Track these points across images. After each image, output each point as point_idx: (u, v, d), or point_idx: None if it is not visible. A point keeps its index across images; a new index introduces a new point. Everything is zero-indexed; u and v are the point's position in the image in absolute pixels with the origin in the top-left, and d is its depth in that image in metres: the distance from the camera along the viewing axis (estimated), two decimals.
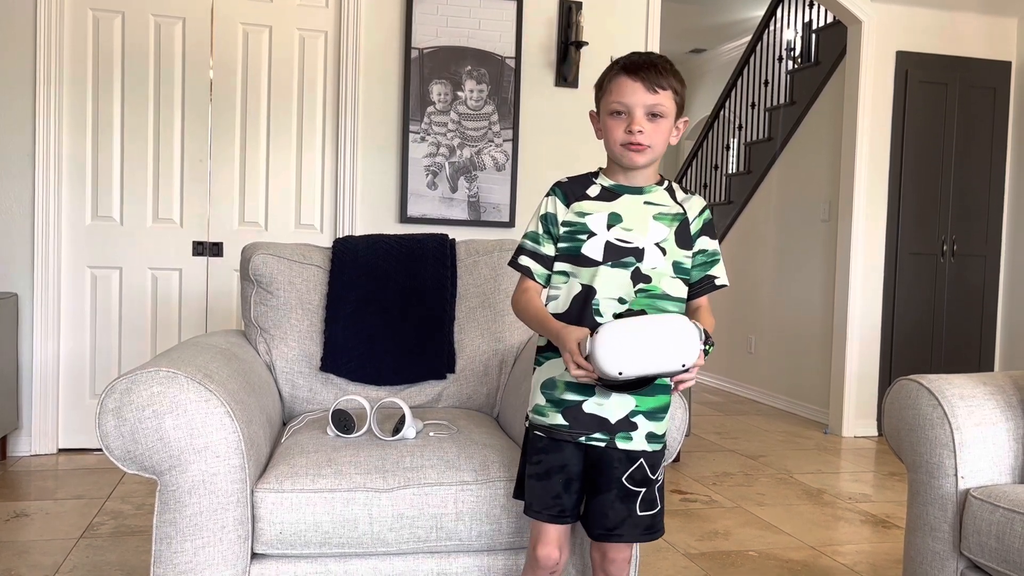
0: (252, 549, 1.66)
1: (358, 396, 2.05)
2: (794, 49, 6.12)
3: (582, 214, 1.58)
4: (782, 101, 5.93)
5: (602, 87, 1.58)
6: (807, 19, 5.84)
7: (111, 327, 3.88)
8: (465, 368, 2.37)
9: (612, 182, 1.61)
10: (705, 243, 1.60)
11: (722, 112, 7.04)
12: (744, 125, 6.65)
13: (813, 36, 5.64)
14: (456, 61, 4.04)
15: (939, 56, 4.87)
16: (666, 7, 4.52)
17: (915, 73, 4.83)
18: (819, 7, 5.64)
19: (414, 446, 1.84)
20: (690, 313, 1.60)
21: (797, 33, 6.07)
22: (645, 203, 1.58)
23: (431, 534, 1.71)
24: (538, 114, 4.15)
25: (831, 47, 5.28)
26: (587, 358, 1.41)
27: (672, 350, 1.39)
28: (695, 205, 1.61)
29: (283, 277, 2.33)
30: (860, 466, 4.14)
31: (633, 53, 1.57)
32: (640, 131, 1.52)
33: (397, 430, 1.90)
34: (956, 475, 1.84)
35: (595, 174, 1.64)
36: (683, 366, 1.41)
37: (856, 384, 4.85)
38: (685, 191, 1.64)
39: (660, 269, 1.55)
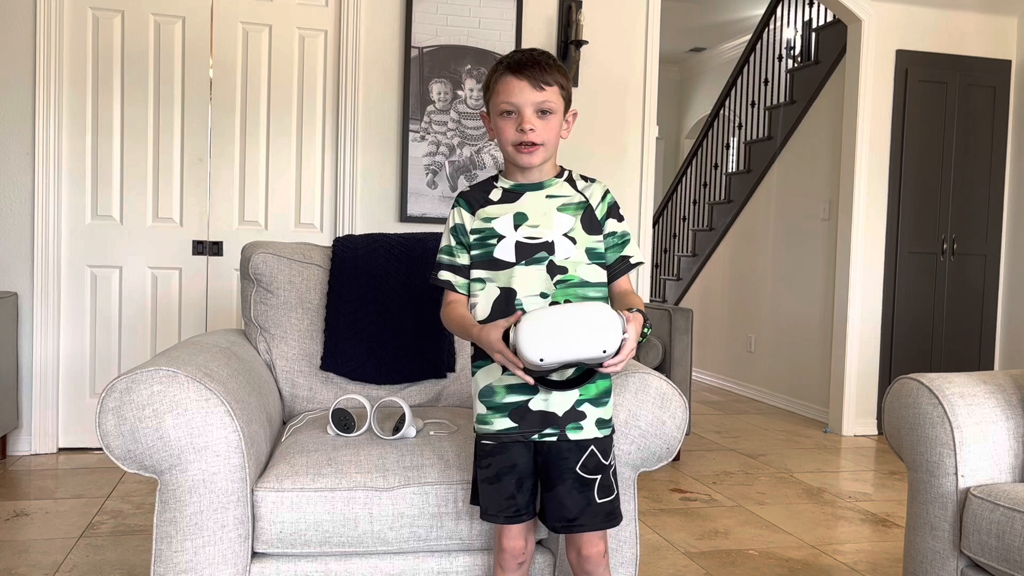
0: (252, 548, 1.66)
1: (358, 395, 2.05)
2: (794, 48, 6.12)
3: (488, 219, 1.60)
4: (782, 100, 5.93)
5: (489, 88, 1.59)
6: (807, 18, 5.84)
7: (111, 326, 3.88)
8: (465, 367, 2.37)
9: (512, 182, 1.63)
10: (613, 225, 1.62)
11: (722, 111, 7.04)
12: (744, 124, 6.64)
13: (813, 35, 5.64)
14: (456, 60, 4.03)
15: (939, 55, 4.87)
16: (666, 6, 4.51)
17: (915, 72, 4.83)
18: (819, 6, 5.64)
19: (414, 445, 1.84)
20: (615, 297, 1.62)
21: (797, 32, 6.07)
22: (547, 197, 1.61)
23: (431, 533, 1.71)
24: None
25: (831, 46, 5.28)
26: (514, 351, 1.43)
27: (590, 335, 1.39)
28: (597, 191, 1.63)
29: (283, 276, 2.33)
30: (860, 465, 4.14)
31: (517, 51, 1.59)
32: (532, 129, 1.54)
33: (397, 429, 1.90)
34: (956, 474, 1.84)
35: (495, 178, 1.66)
36: (603, 351, 1.41)
37: (856, 383, 4.85)
38: (585, 179, 1.66)
39: (574, 258, 1.57)
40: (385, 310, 2.32)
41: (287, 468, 1.71)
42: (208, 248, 3.93)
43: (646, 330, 1.49)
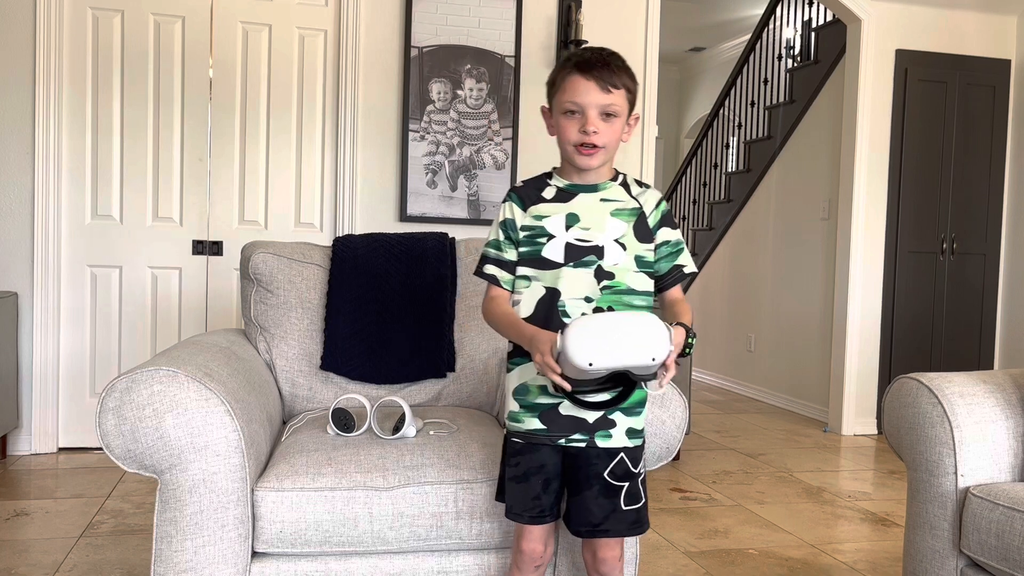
0: (252, 548, 1.67)
1: (358, 395, 2.05)
2: (794, 47, 6.12)
3: (539, 217, 1.58)
4: (782, 99, 5.93)
5: (555, 84, 1.56)
6: (807, 17, 5.84)
7: (111, 326, 3.88)
8: (465, 367, 2.37)
9: (567, 182, 1.60)
10: (667, 234, 1.60)
11: (722, 110, 7.04)
12: (744, 123, 6.64)
13: (813, 34, 5.64)
14: (456, 60, 4.03)
15: (938, 54, 4.87)
16: (666, 5, 4.52)
17: (915, 71, 4.83)
18: (819, 5, 5.64)
19: (414, 445, 1.84)
20: (665, 306, 1.60)
21: (797, 31, 6.07)
22: (601, 200, 1.58)
23: (431, 532, 1.71)
24: (538, 113, 4.12)
25: (831, 45, 5.28)
26: (558, 358, 1.40)
27: (641, 342, 1.38)
28: (651, 198, 1.61)
29: (283, 276, 2.33)
30: (860, 464, 4.15)
31: (585, 50, 1.56)
32: (595, 131, 1.51)
33: (397, 429, 1.90)
34: (956, 473, 1.84)
35: (549, 175, 1.63)
36: (652, 360, 1.39)
37: (856, 382, 4.85)
38: (640, 184, 1.63)
39: (622, 265, 1.55)
40: (385, 310, 2.33)
41: (287, 468, 1.71)
42: (208, 248, 3.93)
43: (691, 340, 1.46)
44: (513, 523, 1.64)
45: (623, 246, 1.56)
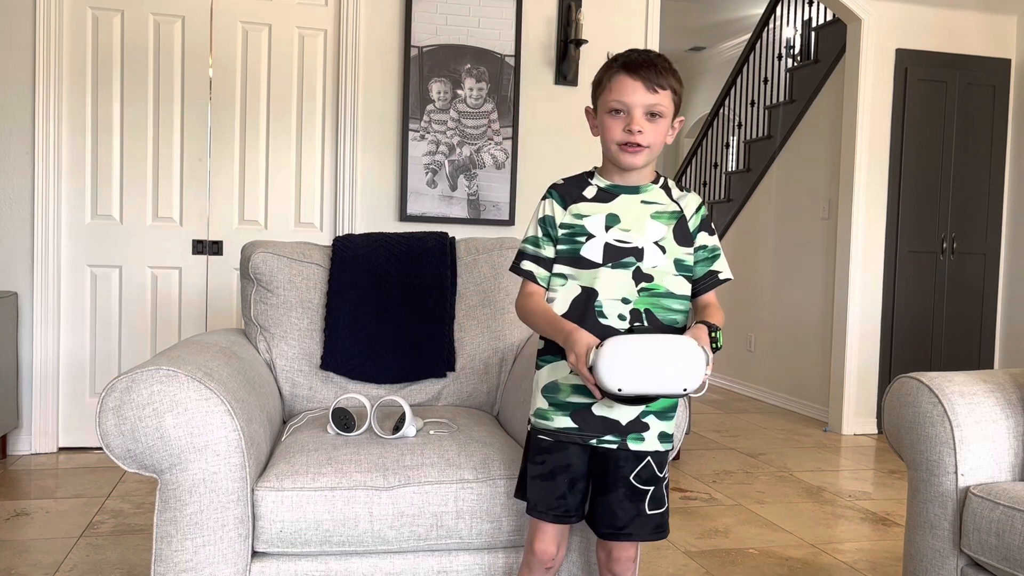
0: (253, 547, 1.66)
1: (358, 394, 2.05)
2: (794, 47, 6.12)
3: (580, 216, 1.57)
4: (782, 99, 5.93)
5: (601, 84, 1.56)
6: (807, 17, 5.84)
7: (111, 326, 3.88)
8: (465, 366, 2.37)
9: (608, 182, 1.60)
10: (705, 239, 1.60)
11: (722, 110, 7.04)
12: (744, 123, 6.64)
13: (813, 34, 5.64)
14: (456, 59, 4.03)
15: (939, 54, 4.87)
16: (666, 4, 4.52)
17: (915, 71, 4.83)
18: (819, 5, 5.64)
19: (414, 444, 1.84)
20: (698, 311, 1.59)
21: (797, 31, 6.07)
22: (642, 202, 1.58)
23: (431, 532, 1.71)
24: (537, 112, 4.15)
25: (831, 45, 5.28)
26: (590, 368, 1.40)
27: (675, 373, 1.37)
28: (691, 202, 1.60)
29: (283, 275, 2.33)
30: (860, 464, 4.15)
31: (633, 51, 1.55)
32: (640, 131, 1.51)
33: (397, 428, 1.90)
34: (956, 473, 1.84)
35: (590, 174, 1.63)
36: (684, 390, 1.39)
37: (856, 382, 4.85)
38: (681, 188, 1.63)
39: (661, 268, 1.55)
40: (385, 309, 2.33)
41: (287, 467, 1.71)
42: (208, 247, 3.93)
43: (715, 335, 1.46)
44: (522, 524, 1.64)
45: (663, 249, 1.55)
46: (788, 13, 6.21)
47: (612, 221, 1.56)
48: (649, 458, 1.56)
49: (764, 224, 5.96)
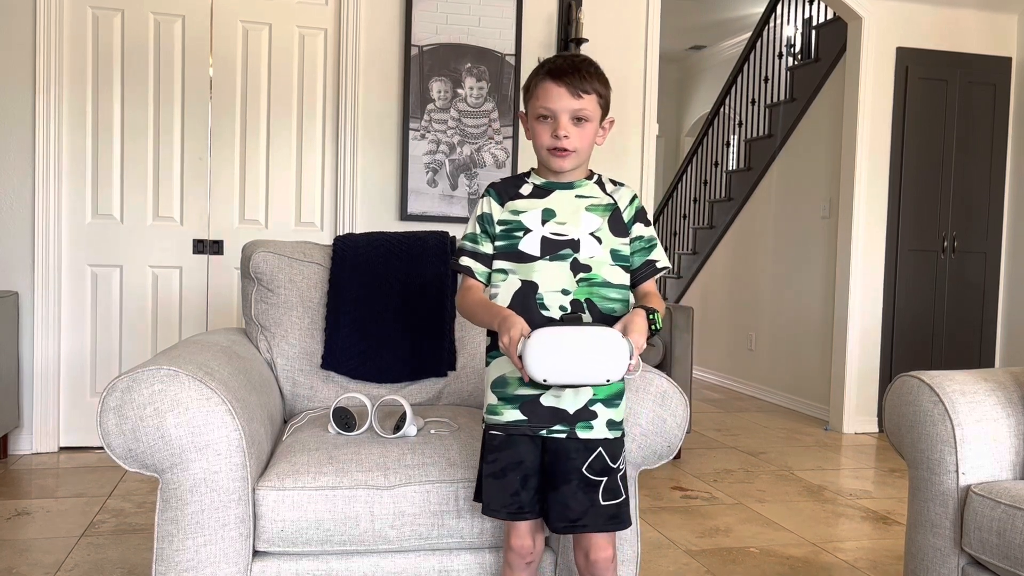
0: (254, 547, 1.67)
1: (359, 394, 2.05)
2: (794, 45, 6.11)
3: (516, 212, 1.61)
4: (782, 98, 5.93)
5: (528, 90, 1.61)
6: (807, 15, 5.83)
7: (112, 325, 3.88)
8: (466, 366, 2.37)
9: (543, 180, 1.64)
10: (640, 230, 1.64)
11: (722, 109, 7.03)
12: (744, 122, 6.64)
13: (813, 32, 5.63)
14: (456, 58, 4.03)
15: (939, 52, 4.87)
16: (666, 4, 4.51)
17: (915, 69, 4.83)
18: (819, 3, 5.63)
19: (415, 443, 1.84)
20: (638, 299, 1.63)
21: (797, 29, 6.06)
22: (576, 196, 1.62)
23: (432, 531, 1.71)
24: None
25: (831, 43, 5.28)
26: (520, 356, 1.44)
27: (598, 364, 1.42)
28: (625, 195, 1.65)
29: (284, 275, 2.33)
30: (861, 462, 4.15)
31: (558, 57, 1.60)
32: (566, 136, 1.55)
33: (398, 428, 1.90)
34: (957, 471, 1.84)
35: (527, 174, 1.68)
36: (607, 381, 1.45)
37: (856, 380, 4.85)
38: (614, 183, 1.68)
39: (598, 258, 1.59)
40: (386, 308, 2.32)
41: (288, 467, 1.71)
42: (208, 247, 3.93)
43: (652, 317, 1.49)
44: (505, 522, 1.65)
45: (598, 240, 1.60)
46: (788, 12, 6.20)
47: (548, 215, 1.60)
48: (600, 448, 1.57)
49: (765, 223, 5.95)
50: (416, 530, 1.70)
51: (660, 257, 1.64)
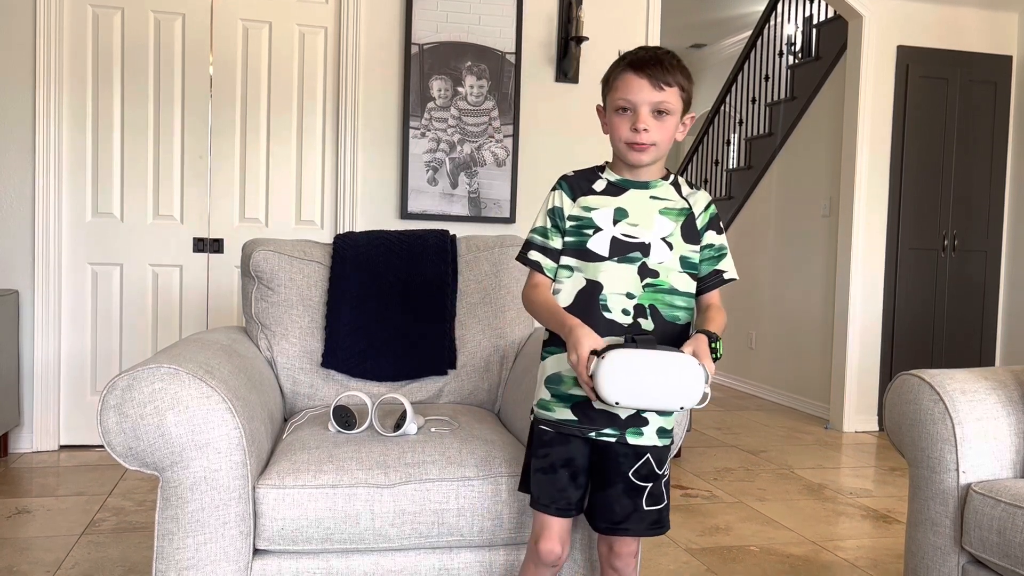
0: (254, 545, 1.67)
1: (359, 392, 2.05)
2: (795, 44, 6.11)
3: (588, 209, 1.57)
4: (783, 96, 5.92)
5: (608, 83, 1.57)
6: (808, 14, 5.83)
7: (112, 324, 3.88)
8: (466, 364, 2.37)
9: (618, 177, 1.60)
10: (712, 237, 1.59)
11: (723, 107, 7.03)
12: (745, 120, 6.64)
13: (814, 31, 5.63)
14: (456, 57, 4.03)
15: (940, 51, 4.86)
16: (666, 2, 4.51)
17: (916, 68, 4.83)
18: (820, 2, 5.63)
19: (415, 442, 1.84)
20: (701, 311, 1.59)
21: (798, 28, 6.06)
22: (651, 198, 1.58)
23: (433, 530, 1.71)
24: (538, 110, 4.15)
25: (832, 42, 5.27)
26: (591, 375, 1.40)
27: (674, 390, 1.38)
28: (701, 200, 1.60)
29: (284, 273, 2.33)
30: (861, 461, 4.15)
31: (640, 49, 1.55)
32: (645, 129, 1.51)
33: (398, 426, 1.90)
34: (957, 470, 1.84)
35: (601, 168, 1.63)
36: (680, 408, 1.41)
37: (857, 379, 4.85)
38: (691, 185, 1.63)
39: (667, 264, 1.55)
40: (386, 307, 2.32)
41: (288, 465, 1.71)
42: (209, 245, 3.93)
43: (715, 346, 1.46)
44: (523, 521, 1.64)
45: (669, 245, 1.55)
46: (789, 10, 6.20)
47: (620, 215, 1.56)
48: (648, 455, 1.56)
49: (765, 221, 5.95)
50: (416, 528, 1.70)
51: (728, 267, 1.60)
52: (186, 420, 1.57)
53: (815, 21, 5.68)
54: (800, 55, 5.89)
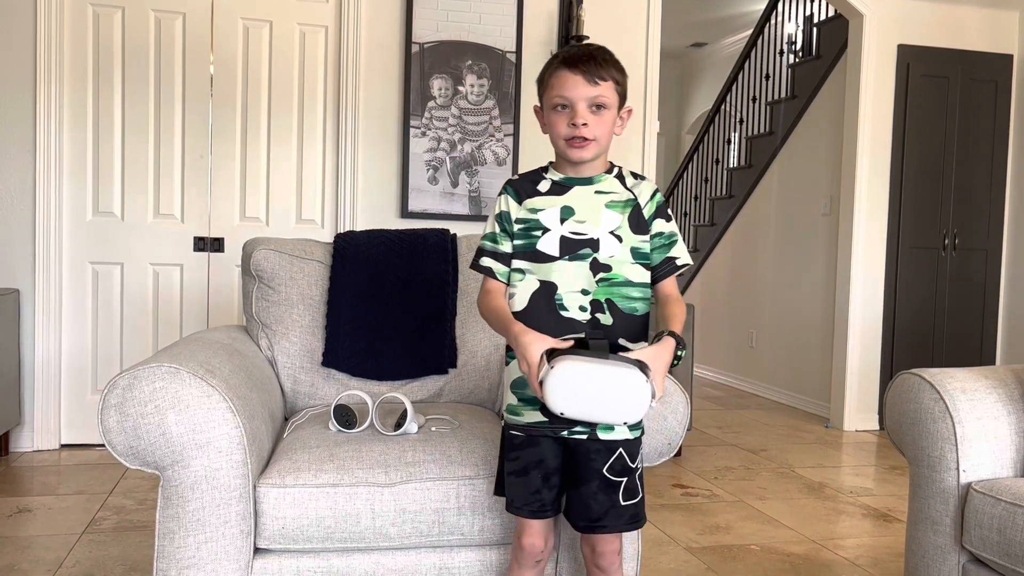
0: (255, 544, 1.67)
1: (360, 391, 2.05)
2: (795, 43, 6.11)
3: (535, 210, 1.58)
4: (783, 95, 5.92)
5: (543, 82, 1.58)
6: (808, 13, 5.83)
7: (113, 323, 3.88)
8: (467, 363, 2.37)
9: (561, 175, 1.61)
10: (661, 226, 1.60)
11: (723, 106, 7.03)
12: (745, 119, 6.63)
13: (814, 30, 5.63)
14: (457, 56, 4.03)
15: (940, 49, 4.86)
16: (667, 1, 4.50)
17: (916, 67, 4.82)
18: (820, 1, 5.63)
19: (416, 441, 1.84)
20: (659, 302, 1.60)
21: (798, 27, 6.06)
22: (596, 193, 1.59)
23: (433, 528, 1.71)
24: None
25: (832, 41, 5.27)
26: (540, 382, 1.42)
27: (617, 408, 1.40)
28: (646, 189, 1.61)
29: (284, 272, 2.33)
30: (861, 460, 4.15)
31: (572, 46, 1.58)
32: (584, 124, 1.52)
33: (399, 425, 1.90)
34: (958, 469, 1.84)
35: (545, 169, 1.64)
36: (624, 423, 1.43)
37: (857, 378, 4.85)
38: (635, 176, 1.63)
39: (618, 257, 1.56)
40: (386, 306, 2.33)
41: (289, 464, 1.71)
42: (209, 244, 3.94)
43: (679, 353, 1.47)
44: (514, 518, 1.64)
45: (619, 238, 1.56)
46: (790, 9, 6.20)
47: (567, 214, 1.57)
48: (621, 449, 1.56)
49: (765, 220, 5.95)
50: (417, 527, 1.70)
51: (681, 254, 1.60)
52: (187, 419, 1.57)
53: (816, 20, 5.68)
54: (801, 54, 5.89)
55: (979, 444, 1.84)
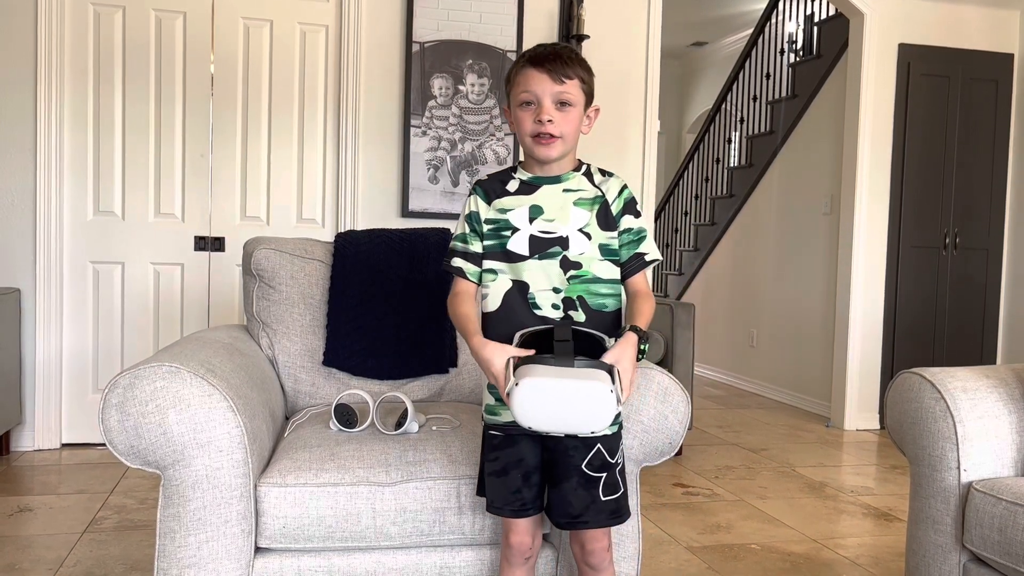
0: (255, 543, 1.67)
1: (360, 390, 2.05)
2: (796, 42, 6.10)
3: (504, 210, 1.59)
4: (784, 94, 5.92)
5: (510, 80, 1.59)
6: (809, 12, 5.83)
7: (113, 322, 3.88)
8: (467, 362, 2.37)
9: (530, 175, 1.62)
10: (629, 222, 1.61)
11: (724, 105, 7.03)
12: (746, 118, 6.63)
13: (815, 29, 5.63)
14: (457, 55, 4.03)
15: (941, 49, 4.86)
16: (667, 0, 4.50)
17: (917, 66, 4.82)
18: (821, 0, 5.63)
19: (417, 440, 1.84)
20: (629, 298, 1.61)
21: (799, 26, 6.05)
22: (564, 191, 1.60)
23: (434, 528, 1.71)
24: None
25: (833, 40, 5.27)
26: (507, 394, 1.42)
27: (583, 420, 1.41)
28: (614, 186, 1.62)
29: (285, 272, 2.33)
30: (862, 459, 4.15)
31: (539, 45, 1.59)
32: (550, 120, 1.53)
33: (400, 424, 1.90)
34: (958, 468, 1.84)
35: (514, 168, 1.65)
36: (591, 433, 1.45)
37: (858, 377, 4.85)
38: (604, 173, 1.64)
39: (588, 254, 1.57)
40: (387, 306, 2.33)
41: (290, 463, 1.72)
42: (210, 244, 3.94)
43: (643, 348, 1.49)
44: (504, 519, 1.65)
45: (587, 235, 1.57)
46: (790, 8, 6.19)
47: (536, 212, 1.58)
48: (599, 444, 1.56)
49: (766, 220, 5.95)
50: (418, 527, 1.70)
51: (650, 250, 1.61)
52: (188, 418, 1.57)
53: (816, 19, 5.68)
54: (801, 53, 5.89)
55: (980, 443, 1.84)
